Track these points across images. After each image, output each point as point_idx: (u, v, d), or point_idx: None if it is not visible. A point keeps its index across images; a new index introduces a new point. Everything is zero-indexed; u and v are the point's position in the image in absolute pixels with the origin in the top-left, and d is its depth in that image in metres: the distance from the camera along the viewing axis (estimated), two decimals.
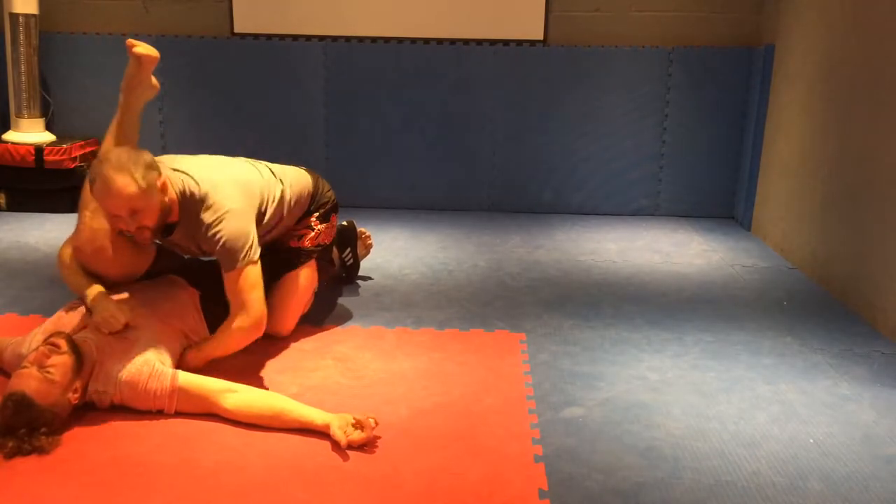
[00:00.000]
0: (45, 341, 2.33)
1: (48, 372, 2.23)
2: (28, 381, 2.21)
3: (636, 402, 2.59)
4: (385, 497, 2.02)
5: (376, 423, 2.26)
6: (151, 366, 2.39)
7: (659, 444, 2.32)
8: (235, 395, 2.37)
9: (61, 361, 2.26)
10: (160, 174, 2.50)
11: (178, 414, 2.38)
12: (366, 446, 2.23)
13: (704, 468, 2.20)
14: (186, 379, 2.40)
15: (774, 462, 2.25)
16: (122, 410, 2.38)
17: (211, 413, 2.37)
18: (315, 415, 2.31)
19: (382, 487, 2.06)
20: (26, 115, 4.93)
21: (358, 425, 2.24)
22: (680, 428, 2.43)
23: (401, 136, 5.20)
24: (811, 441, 2.37)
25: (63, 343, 2.31)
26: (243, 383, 2.46)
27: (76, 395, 2.30)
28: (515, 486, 2.08)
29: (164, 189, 2.51)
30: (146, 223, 2.49)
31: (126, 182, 2.38)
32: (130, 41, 2.76)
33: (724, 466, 2.22)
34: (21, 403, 2.16)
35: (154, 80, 2.86)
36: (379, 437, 2.27)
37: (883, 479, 2.17)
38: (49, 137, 4.98)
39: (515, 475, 2.13)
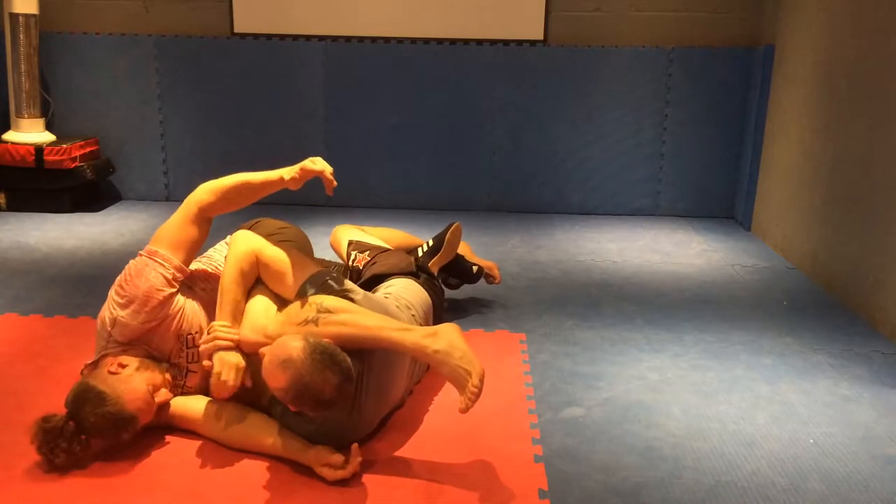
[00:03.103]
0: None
1: (154, 399, 2.17)
2: (143, 408, 2.14)
3: (636, 402, 2.59)
4: (385, 497, 2.02)
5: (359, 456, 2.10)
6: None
7: (659, 444, 2.32)
8: (215, 424, 2.25)
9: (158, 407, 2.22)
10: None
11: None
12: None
13: (704, 468, 2.21)
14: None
15: (774, 462, 2.25)
16: None
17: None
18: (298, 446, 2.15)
19: (382, 487, 2.06)
20: (26, 115, 4.93)
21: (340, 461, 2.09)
22: (680, 428, 2.43)
23: (401, 136, 5.20)
24: (811, 441, 2.37)
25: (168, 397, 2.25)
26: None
27: None
28: (515, 486, 2.08)
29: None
30: None
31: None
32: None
33: (724, 466, 2.22)
34: (123, 420, 2.09)
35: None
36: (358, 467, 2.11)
37: (883, 479, 2.17)
38: (49, 137, 4.98)
39: (515, 475, 2.13)
